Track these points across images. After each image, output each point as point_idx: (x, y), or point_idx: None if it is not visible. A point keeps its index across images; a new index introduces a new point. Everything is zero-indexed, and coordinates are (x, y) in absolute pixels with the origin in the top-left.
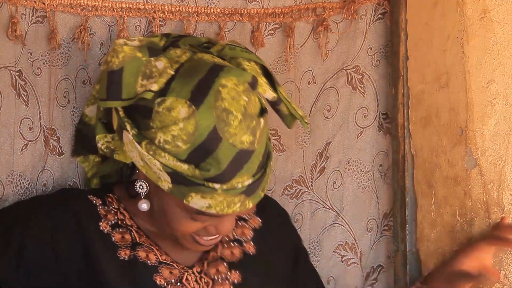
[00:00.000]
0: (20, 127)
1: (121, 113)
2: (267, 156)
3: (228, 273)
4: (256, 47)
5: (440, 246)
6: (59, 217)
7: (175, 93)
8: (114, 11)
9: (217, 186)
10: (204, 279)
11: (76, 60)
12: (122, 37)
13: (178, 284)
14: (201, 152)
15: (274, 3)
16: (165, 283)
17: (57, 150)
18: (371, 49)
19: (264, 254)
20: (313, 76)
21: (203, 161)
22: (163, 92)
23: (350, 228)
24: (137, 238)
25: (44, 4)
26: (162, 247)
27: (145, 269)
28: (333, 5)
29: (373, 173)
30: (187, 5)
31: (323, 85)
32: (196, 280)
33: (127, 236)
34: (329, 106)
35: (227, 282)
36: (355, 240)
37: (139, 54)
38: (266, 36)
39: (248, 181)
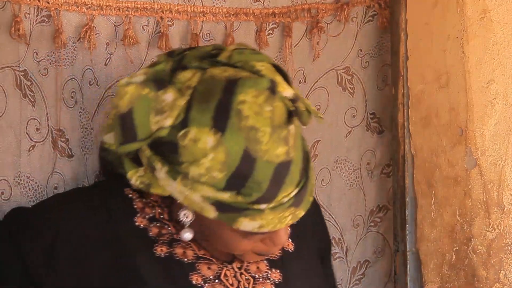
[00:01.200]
0: (26, 128)
1: (147, 152)
2: (306, 159)
3: (269, 271)
4: (260, 47)
5: (440, 246)
6: (92, 214)
7: (196, 123)
8: (119, 11)
9: (263, 206)
10: (245, 275)
11: (82, 60)
12: (128, 37)
13: (216, 281)
14: (239, 178)
15: (274, 3)
16: (202, 281)
17: (67, 152)
18: (361, 50)
19: (301, 251)
20: (304, 75)
21: (243, 186)
22: (183, 124)
23: (337, 223)
24: (175, 234)
25: (49, 3)
26: (200, 242)
27: (181, 267)
28: (327, 7)
29: (360, 171)
30: (193, 5)
31: (313, 85)
32: (235, 276)
33: (165, 231)
34: (319, 105)
35: (268, 281)
36: (342, 236)
37: (145, 91)
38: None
39: (294, 192)
